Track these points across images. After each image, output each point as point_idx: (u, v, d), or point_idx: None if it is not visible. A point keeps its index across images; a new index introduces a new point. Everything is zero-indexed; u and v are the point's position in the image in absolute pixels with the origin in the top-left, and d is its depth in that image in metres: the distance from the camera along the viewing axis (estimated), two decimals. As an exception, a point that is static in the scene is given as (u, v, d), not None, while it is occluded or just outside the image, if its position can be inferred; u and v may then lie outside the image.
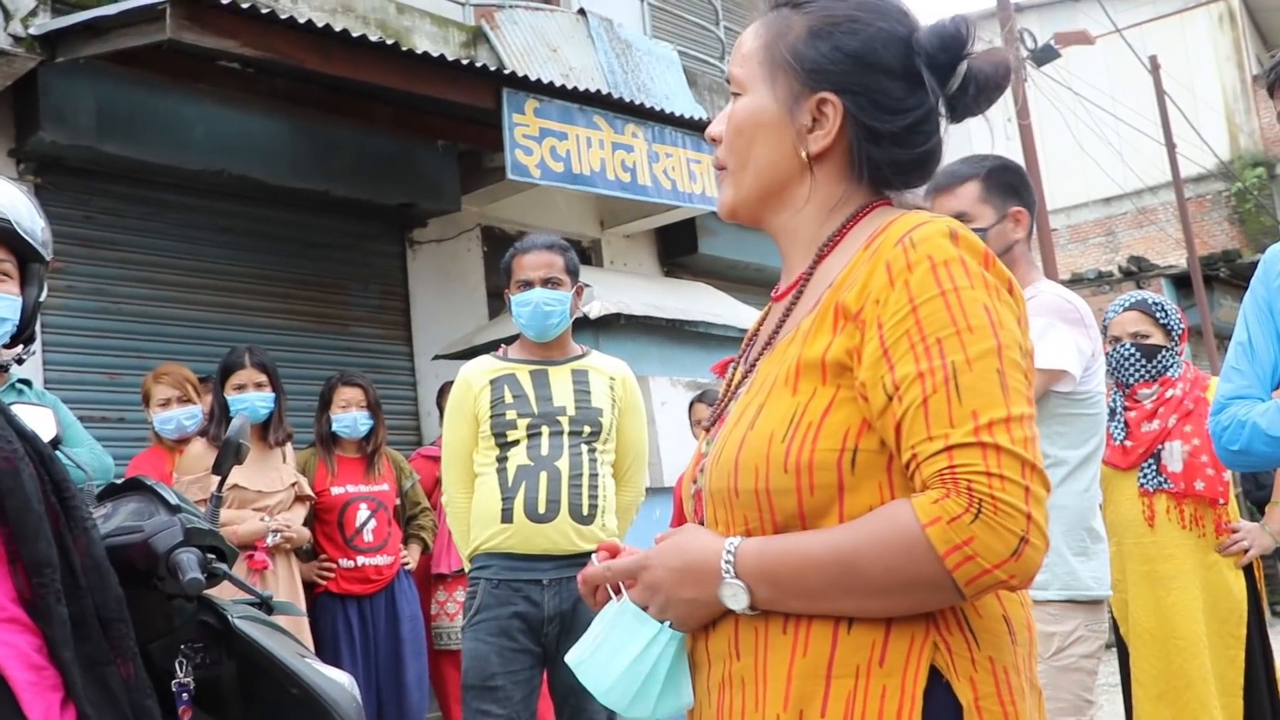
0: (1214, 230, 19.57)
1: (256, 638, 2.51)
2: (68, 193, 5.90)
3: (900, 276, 1.28)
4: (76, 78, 5.75)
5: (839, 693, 1.27)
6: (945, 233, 1.30)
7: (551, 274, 3.85)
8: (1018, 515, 1.19)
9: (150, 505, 2.45)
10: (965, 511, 1.19)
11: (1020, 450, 1.22)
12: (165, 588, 2.36)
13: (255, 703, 2.57)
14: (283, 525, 4.71)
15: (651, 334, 7.10)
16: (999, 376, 1.24)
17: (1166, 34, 20.03)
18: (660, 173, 7.33)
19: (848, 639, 1.27)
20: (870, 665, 1.26)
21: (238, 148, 6.42)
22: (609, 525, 3.84)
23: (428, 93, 6.34)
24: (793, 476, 1.29)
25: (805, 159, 1.43)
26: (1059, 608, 2.79)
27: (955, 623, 1.28)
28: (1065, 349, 2.77)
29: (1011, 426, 1.22)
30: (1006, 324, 1.27)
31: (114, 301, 6.14)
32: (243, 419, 2.89)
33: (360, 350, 7.20)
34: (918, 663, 1.26)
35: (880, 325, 1.28)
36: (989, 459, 1.20)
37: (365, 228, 7.37)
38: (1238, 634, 4.01)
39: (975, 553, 1.18)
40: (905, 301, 1.27)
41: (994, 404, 1.22)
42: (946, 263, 1.28)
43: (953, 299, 1.26)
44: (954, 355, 1.24)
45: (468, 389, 3.87)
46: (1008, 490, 1.19)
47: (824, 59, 1.40)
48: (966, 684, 1.27)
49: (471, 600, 3.78)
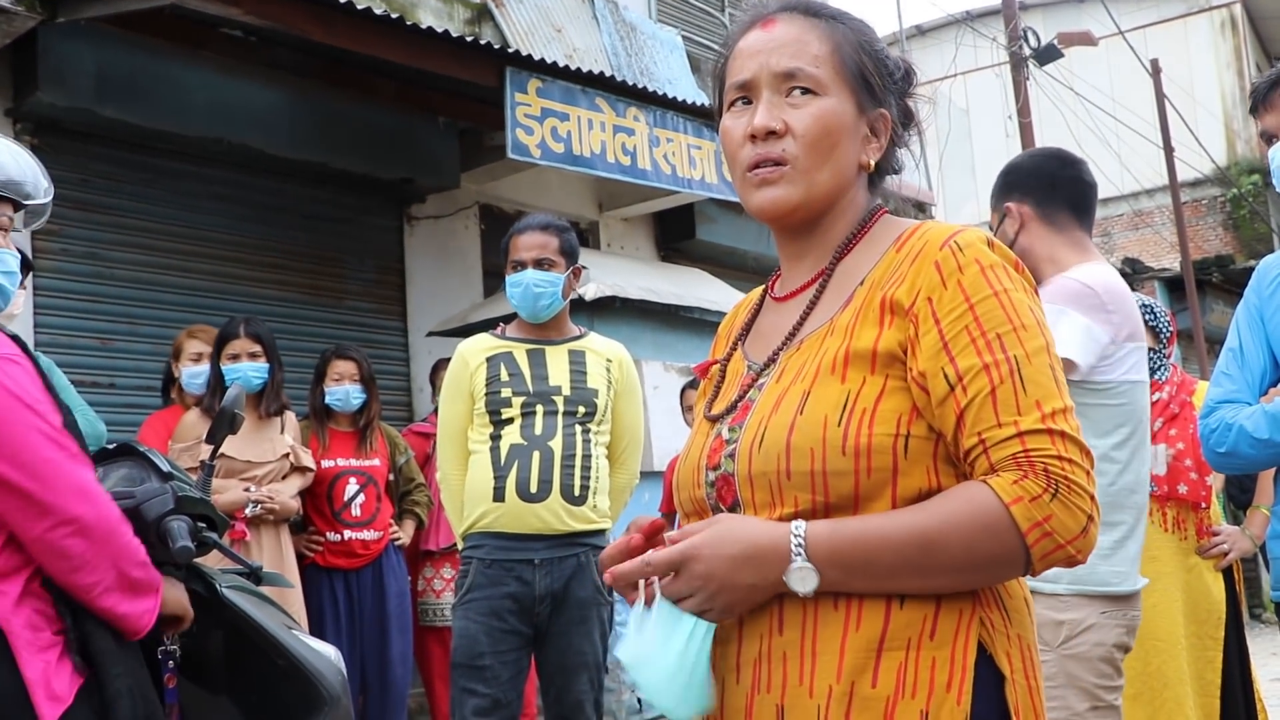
0: (1208, 235, 19.60)
1: (244, 608, 2.52)
2: (64, 155, 5.87)
3: (952, 276, 1.38)
4: (77, 39, 5.72)
5: (889, 664, 1.33)
6: (984, 240, 1.42)
7: (544, 255, 3.83)
8: (1085, 495, 1.30)
9: (142, 472, 2.46)
10: (1045, 491, 1.29)
11: (1079, 437, 1.33)
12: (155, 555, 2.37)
13: (241, 672, 2.58)
14: (264, 497, 4.66)
15: (646, 318, 7.11)
16: (1052, 371, 1.35)
17: (1168, 38, 20.02)
18: (661, 157, 7.33)
19: (900, 614, 1.34)
20: (921, 639, 1.33)
21: (238, 116, 6.40)
22: (600, 506, 3.84)
23: (431, 68, 6.32)
24: (851, 459, 1.35)
25: (858, 167, 1.53)
26: (1069, 596, 2.74)
27: (993, 601, 1.38)
28: (1070, 337, 2.70)
29: (1069, 416, 1.34)
30: (1045, 324, 1.40)
31: (108, 266, 6.13)
32: (239, 389, 2.90)
33: (354, 324, 7.20)
34: (966, 636, 1.34)
35: (937, 320, 1.37)
36: (1058, 444, 1.31)
37: (363, 201, 7.36)
38: (1216, 636, 4.03)
39: (1053, 529, 1.29)
40: (961, 299, 1.37)
41: (1053, 395, 1.34)
42: (993, 266, 1.39)
43: (1005, 299, 1.37)
44: (1014, 350, 1.34)
45: (464, 366, 3.88)
46: (1077, 473, 1.30)
47: (880, 77, 1.54)
48: (1004, 657, 1.36)
49: (463, 579, 3.79)
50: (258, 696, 2.58)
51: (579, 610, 3.74)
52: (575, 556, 3.74)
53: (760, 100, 1.50)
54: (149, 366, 5.93)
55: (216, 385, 4.71)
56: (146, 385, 5.86)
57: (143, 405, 5.60)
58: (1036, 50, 12.99)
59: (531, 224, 3.92)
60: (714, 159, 7.60)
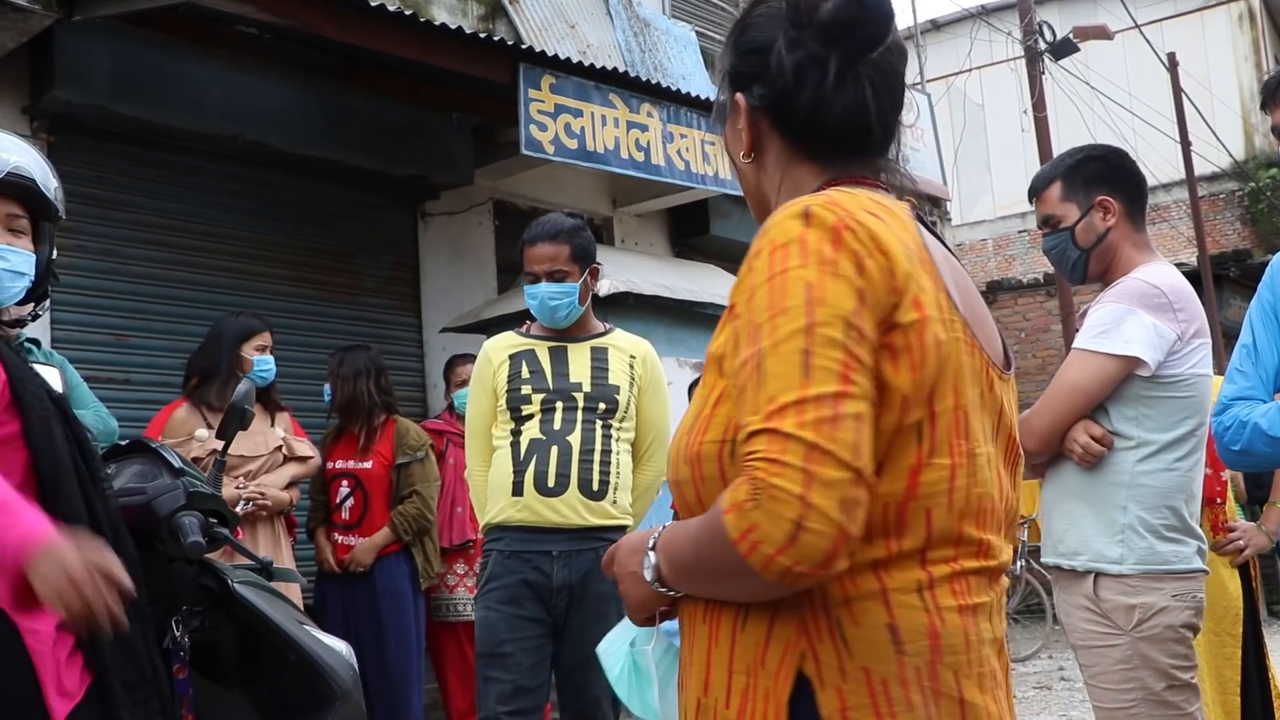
0: (1226, 230, 19.49)
1: (256, 603, 2.53)
2: (80, 152, 5.90)
3: (749, 262, 1.32)
4: (93, 37, 5.74)
5: (738, 687, 1.32)
6: (798, 214, 1.30)
7: (555, 267, 3.83)
8: (791, 501, 1.17)
9: (154, 467, 2.47)
10: (749, 499, 1.19)
11: (806, 433, 1.19)
12: (166, 550, 2.38)
13: (253, 667, 2.59)
14: (255, 493, 4.61)
15: (660, 314, 7.10)
16: (803, 357, 1.21)
17: (1185, 32, 19.90)
18: (674, 153, 7.32)
19: (743, 635, 1.32)
20: (757, 665, 1.31)
21: (252, 113, 6.41)
22: (621, 502, 3.85)
23: (444, 65, 6.32)
24: (689, 467, 1.35)
25: (744, 161, 1.50)
26: (1138, 580, 2.82)
27: (827, 631, 1.27)
28: (1138, 336, 2.80)
29: (805, 409, 1.19)
30: (830, 300, 1.24)
31: (123, 263, 6.15)
32: (248, 384, 2.90)
33: (368, 320, 7.21)
34: (786, 669, 1.28)
35: (734, 315, 1.33)
36: (772, 444, 1.19)
37: (377, 198, 7.37)
38: (1234, 632, 4.01)
39: (760, 539, 1.18)
40: (748, 289, 1.30)
41: (789, 387, 1.21)
42: (785, 245, 1.28)
43: (777, 282, 1.26)
44: (765, 340, 1.24)
45: (488, 363, 3.92)
46: (785, 475, 1.17)
47: (727, 63, 1.51)
48: (833, 693, 1.26)
49: (483, 570, 3.84)
50: (270, 691, 2.59)
51: (597, 605, 3.74)
52: (594, 550, 3.73)
53: None
54: (164, 363, 5.95)
55: (229, 377, 4.67)
56: (162, 381, 5.88)
57: (158, 401, 5.62)
58: (1052, 44, 12.94)
59: (541, 234, 3.89)
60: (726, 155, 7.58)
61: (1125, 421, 2.86)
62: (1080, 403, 2.87)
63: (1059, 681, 8.43)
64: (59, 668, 1.99)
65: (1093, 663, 2.88)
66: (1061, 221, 3.03)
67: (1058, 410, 2.90)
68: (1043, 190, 3.08)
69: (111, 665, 2.04)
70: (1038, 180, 3.13)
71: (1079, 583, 2.91)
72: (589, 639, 3.70)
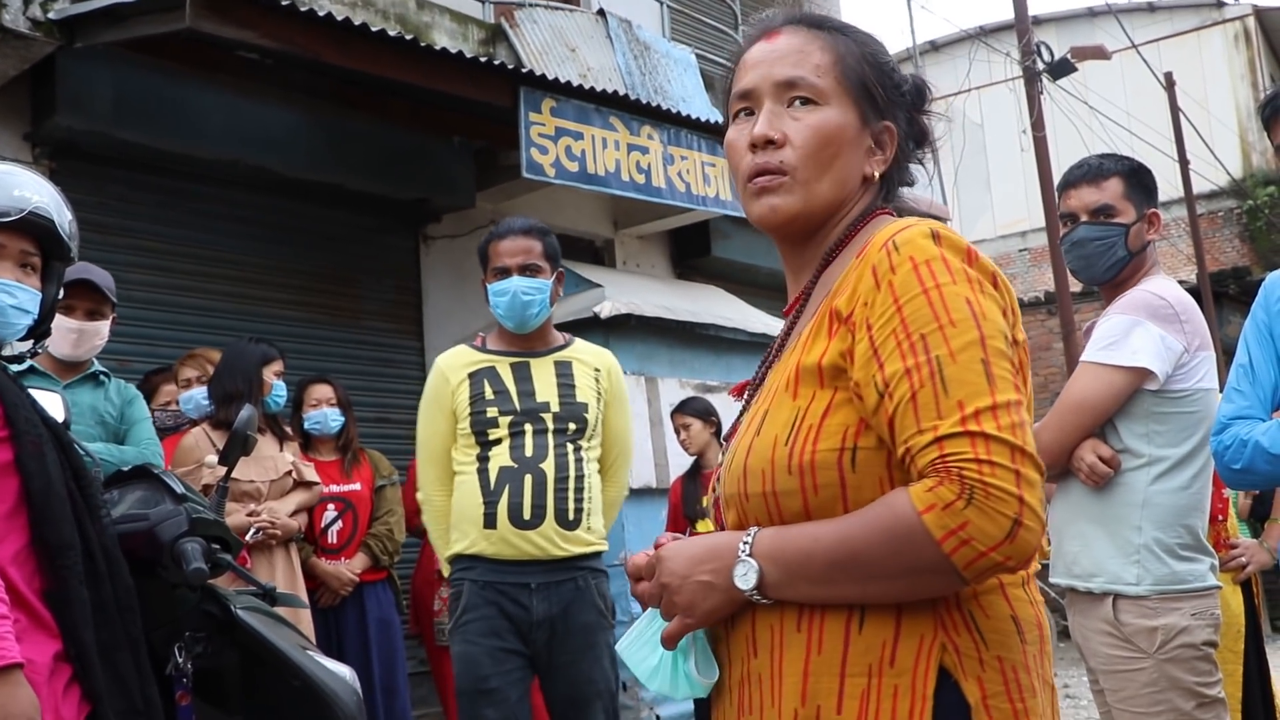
0: (1224, 247, 19.51)
1: (259, 629, 2.52)
2: (82, 178, 5.91)
3: (885, 278, 1.33)
4: (94, 64, 5.77)
5: (853, 690, 1.32)
6: (927, 234, 1.36)
7: (529, 260, 3.62)
8: (1009, 499, 1.22)
9: (156, 493, 2.47)
10: (958, 498, 1.23)
11: (1008, 436, 1.25)
12: (169, 576, 2.38)
13: (257, 693, 2.58)
14: (265, 522, 4.57)
15: (662, 336, 7.11)
16: (984, 366, 1.28)
17: (1182, 51, 19.98)
18: (675, 175, 7.34)
19: (859, 638, 1.32)
20: (882, 665, 1.31)
21: (254, 138, 6.44)
22: (595, 527, 3.67)
23: (445, 89, 6.35)
24: (796, 477, 1.35)
25: (862, 178, 1.51)
26: (1156, 601, 2.81)
27: (963, 624, 1.33)
28: (1146, 347, 2.80)
29: (999, 414, 1.26)
30: (990, 315, 1.31)
31: (126, 288, 6.13)
32: (251, 411, 2.90)
33: (371, 344, 7.22)
34: (927, 663, 1.31)
35: (869, 326, 1.33)
36: (978, 446, 1.24)
37: (379, 222, 7.39)
38: (1236, 649, 4.00)
39: (970, 537, 1.22)
40: (890, 302, 1.32)
41: (979, 394, 1.27)
42: (928, 261, 1.33)
43: (934, 295, 1.31)
44: (938, 350, 1.28)
45: (444, 382, 3.67)
46: (998, 475, 1.23)
47: (886, 89, 1.52)
48: (974, 683, 1.31)
49: (456, 601, 3.61)
50: (273, 717, 2.58)
51: (584, 637, 3.58)
52: (573, 580, 3.59)
53: (762, 110, 1.51)
54: (166, 388, 5.95)
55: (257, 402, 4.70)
56: (164, 406, 5.88)
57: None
58: (1050, 64, 12.97)
59: (512, 228, 3.70)
60: (728, 176, 7.60)
61: (1135, 438, 2.85)
62: (1089, 417, 2.86)
63: (1065, 700, 8.40)
64: (57, 699, 1.99)
65: (1119, 686, 2.85)
66: (1118, 215, 2.97)
67: (1066, 425, 2.88)
68: (1102, 180, 3.00)
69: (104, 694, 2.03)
70: (1089, 170, 3.03)
71: (1097, 606, 2.89)
72: (580, 674, 3.58)
